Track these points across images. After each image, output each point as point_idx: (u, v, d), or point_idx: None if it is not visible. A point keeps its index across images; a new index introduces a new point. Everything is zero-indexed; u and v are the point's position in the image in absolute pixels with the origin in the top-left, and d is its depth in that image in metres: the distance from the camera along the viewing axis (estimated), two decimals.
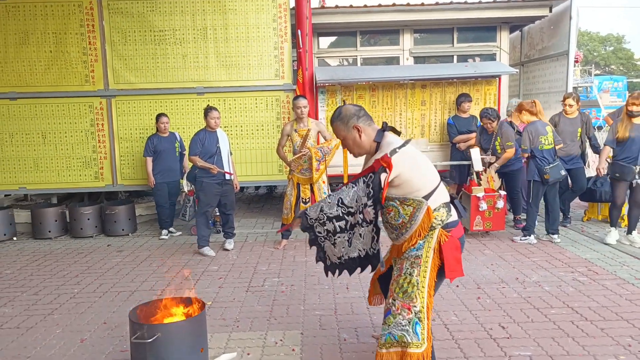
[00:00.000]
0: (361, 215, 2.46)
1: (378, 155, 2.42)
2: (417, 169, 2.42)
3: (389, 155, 2.34)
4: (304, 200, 5.59)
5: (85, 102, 6.71)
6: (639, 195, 5.24)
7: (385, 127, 2.53)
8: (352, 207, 2.48)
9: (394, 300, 2.46)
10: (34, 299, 4.20)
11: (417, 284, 2.42)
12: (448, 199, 2.51)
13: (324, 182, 5.57)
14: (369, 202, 2.42)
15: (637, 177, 5.17)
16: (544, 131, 5.34)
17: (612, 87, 25.36)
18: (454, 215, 2.50)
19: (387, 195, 2.44)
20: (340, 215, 2.52)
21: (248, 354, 3.13)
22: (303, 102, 5.44)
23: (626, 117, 5.23)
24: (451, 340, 3.25)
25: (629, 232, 5.33)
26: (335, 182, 6.41)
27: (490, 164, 5.88)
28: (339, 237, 2.58)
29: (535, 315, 3.60)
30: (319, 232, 2.65)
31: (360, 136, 2.52)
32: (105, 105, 6.72)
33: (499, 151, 5.83)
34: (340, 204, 2.51)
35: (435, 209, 2.43)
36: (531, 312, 3.66)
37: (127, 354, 3.15)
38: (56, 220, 6.41)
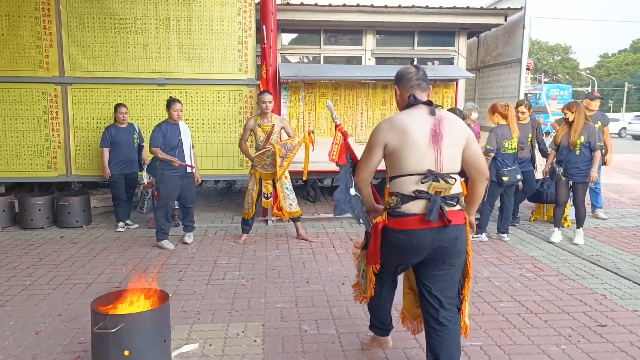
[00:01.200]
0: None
1: None
2: (400, 149, 2.47)
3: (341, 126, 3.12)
4: (265, 196, 5.62)
5: (39, 89, 6.47)
6: (577, 195, 5.62)
7: (411, 101, 2.56)
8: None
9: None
10: None
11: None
12: (408, 192, 2.43)
13: (286, 177, 5.62)
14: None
15: (562, 177, 5.62)
16: (510, 136, 5.59)
17: (558, 95, 26.68)
18: (407, 209, 2.43)
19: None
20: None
21: (210, 345, 3.16)
22: (268, 97, 5.47)
23: (564, 124, 5.65)
24: (406, 332, 3.38)
25: (578, 227, 5.70)
26: (296, 178, 6.48)
27: None
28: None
29: (486, 308, 3.81)
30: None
31: (396, 97, 2.73)
32: (60, 93, 6.49)
33: None
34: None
35: (389, 193, 2.53)
36: (482, 305, 3.86)
37: (85, 346, 3.11)
38: (4, 210, 6.17)
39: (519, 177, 5.71)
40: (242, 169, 6.91)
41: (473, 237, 5.79)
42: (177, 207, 5.99)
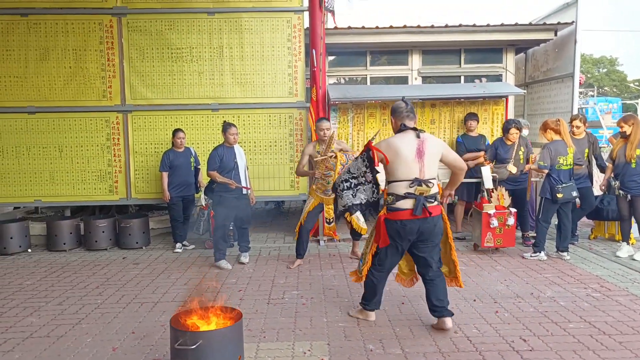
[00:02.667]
0: (363, 178, 3.71)
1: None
2: (394, 162, 3.52)
3: (373, 143, 3.63)
4: (328, 221, 5.66)
5: (102, 117, 6.84)
6: (638, 209, 5.51)
7: (402, 128, 3.62)
8: (354, 173, 3.74)
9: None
10: (59, 309, 4.26)
11: (371, 239, 3.84)
12: (402, 193, 3.52)
13: None
14: (367, 170, 3.67)
15: (618, 191, 5.61)
16: (565, 152, 5.47)
17: (607, 109, 25.81)
18: (400, 205, 3.53)
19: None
20: (347, 179, 3.77)
21: None
22: (326, 124, 5.49)
23: (620, 138, 5.67)
24: (475, 352, 3.34)
25: None
26: None
27: (501, 180, 6.08)
28: (345, 192, 3.77)
29: (554, 329, 3.70)
30: (340, 189, 3.83)
31: (392, 124, 3.77)
32: (122, 120, 6.84)
33: (522, 161, 6.11)
34: (347, 172, 3.80)
35: (387, 193, 3.60)
36: (550, 326, 3.76)
37: None
38: (71, 233, 6.48)
39: (574, 194, 5.54)
40: (292, 189, 7.03)
41: (531, 256, 5.66)
42: (232, 228, 6.13)
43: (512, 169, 6.05)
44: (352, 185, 3.74)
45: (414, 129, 3.57)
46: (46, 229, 6.53)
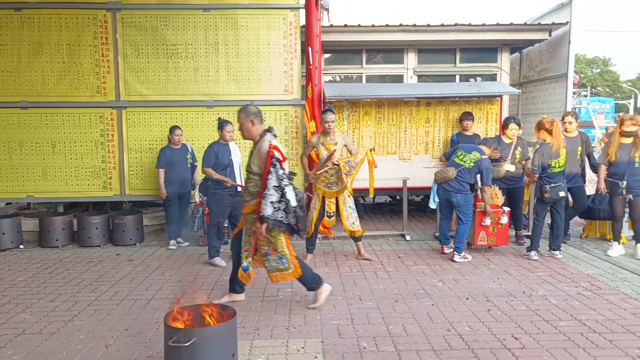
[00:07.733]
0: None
1: (263, 145, 3.85)
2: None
3: (272, 144, 3.81)
4: (328, 214, 5.63)
5: (96, 113, 6.80)
6: (636, 211, 5.51)
7: (269, 129, 3.97)
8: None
9: (267, 247, 4.00)
10: (51, 306, 4.25)
11: (277, 236, 3.94)
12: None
13: (349, 195, 5.59)
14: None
15: (624, 192, 5.56)
16: (556, 154, 5.49)
17: (600, 109, 25.99)
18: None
19: (249, 168, 4.00)
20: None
21: None
22: (331, 116, 5.48)
23: (617, 138, 5.61)
24: (467, 350, 3.37)
25: (638, 242, 5.59)
26: (360, 195, 6.60)
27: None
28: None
29: (546, 327, 3.73)
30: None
31: (252, 127, 3.99)
32: (116, 116, 6.81)
33: (517, 160, 6.11)
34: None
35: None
36: (541, 324, 3.79)
37: None
38: (64, 229, 6.44)
39: (562, 194, 5.52)
40: None
41: (523, 255, 5.71)
42: (226, 225, 6.12)
43: (510, 167, 6.06)
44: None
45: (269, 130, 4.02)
46: (39, 225, 6.49)
